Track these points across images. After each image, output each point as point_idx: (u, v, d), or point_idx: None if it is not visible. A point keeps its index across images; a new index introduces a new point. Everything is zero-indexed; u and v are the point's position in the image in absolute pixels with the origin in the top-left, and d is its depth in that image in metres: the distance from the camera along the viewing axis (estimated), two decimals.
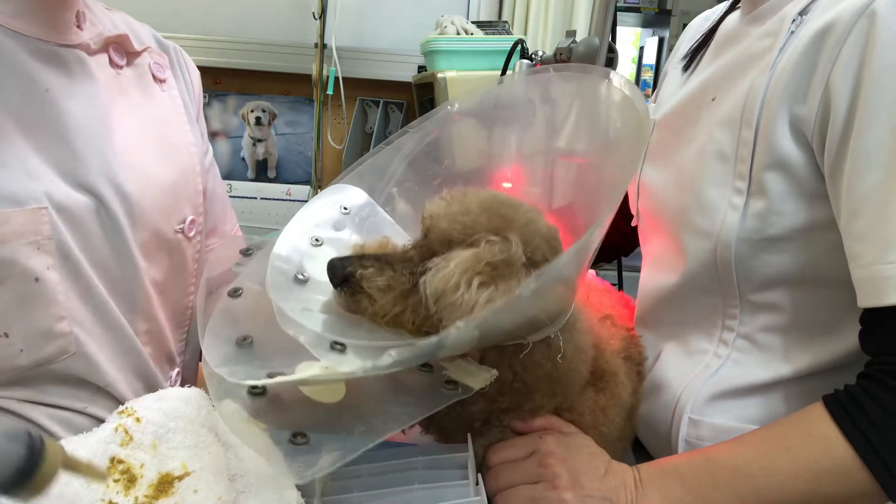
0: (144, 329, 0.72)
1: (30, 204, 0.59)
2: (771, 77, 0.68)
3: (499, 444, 0.65)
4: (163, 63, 0.82)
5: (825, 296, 0.69)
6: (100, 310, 0.66)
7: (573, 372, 0.64)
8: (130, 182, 0.69)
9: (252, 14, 2.25)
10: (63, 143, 0.64)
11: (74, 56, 0.67)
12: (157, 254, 0.73)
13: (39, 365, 0.61)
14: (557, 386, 0.64)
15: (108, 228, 0.66)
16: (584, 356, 0.65)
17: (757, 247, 0.69)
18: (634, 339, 0.83)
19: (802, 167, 0.66)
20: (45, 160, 0.62)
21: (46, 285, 0.60)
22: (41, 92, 0.63)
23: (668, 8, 2.64)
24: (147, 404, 0.60)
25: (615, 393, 0.70)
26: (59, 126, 0.64)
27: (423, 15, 2.23)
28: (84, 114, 0.66)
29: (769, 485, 0.60)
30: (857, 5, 0.61)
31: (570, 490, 0.60)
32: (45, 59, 0.64)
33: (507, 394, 0.63)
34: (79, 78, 0.67)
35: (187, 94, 0.86)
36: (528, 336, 0.59)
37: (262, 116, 2.28)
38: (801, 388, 0.70)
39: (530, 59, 1.20)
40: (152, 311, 0.73)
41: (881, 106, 0.59)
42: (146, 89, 0.78)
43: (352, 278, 0.57)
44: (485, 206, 0.58)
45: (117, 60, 0.74)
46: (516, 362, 0.60)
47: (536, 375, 0.62)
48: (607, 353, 0.71)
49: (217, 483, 0.53)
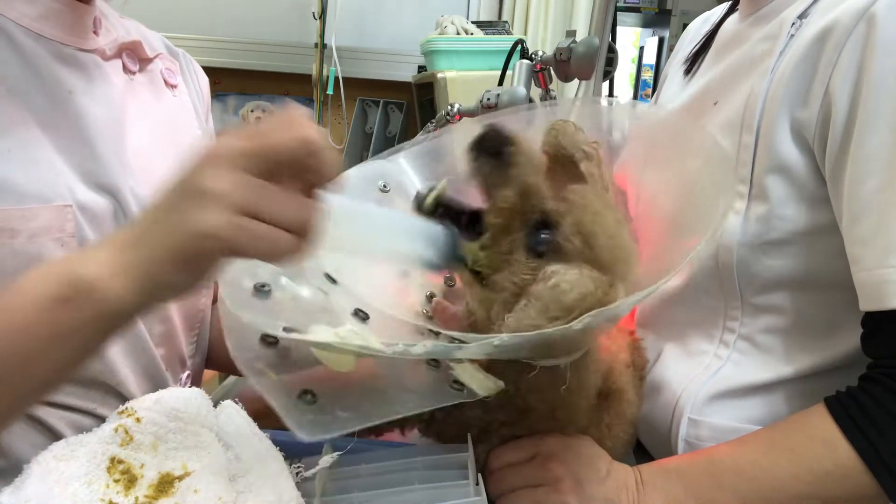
0: (160, 331, 0.73)
1: (56, 201, 0.60)
2: (771, 81, 0.68)
3: (500, 447, 0.64)
4: (174, 69, 0.83)
5: (826, 298, 0.69)
6: None
7: (572, 406, 0.63)
8: (145, 185, 0.69)
9: (252, 14, 2.25)
10: (84, 145, 0.65)
11: (92, 60, 0.68)
12: None
13: None
14: (557, 412, 0.63)
15: None
16: (586, 393, 0.64)
17: (758, 250, 0.69)
18: (637, 344, 0.83)
19: (804, 171, 0.66)
20: (67, 161, 0.63)
21: None
22: (64, 94, 0.64)
23: (668, 8, 2.65)
24: (147, 405, 0.59)
25: (620, 412, 0.70)
26: (81, 128, 0.65)
27: (423, 15, 2.23)
28: (103, 116, 0.67)
29: (771, 486, 0.60)
30: (857, 8, 0.61)
31: (572, 493, 0.60)
32: (66, 62, 0.65)
33: (506, 408, 0.62)
34: (97, 82, 0.68)
35: (197, 99, 0.87)
36: (539, 359, 0.58)
37: (262, 116, 2.28)
38: (802, 389, 0.70)
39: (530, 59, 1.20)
40: (167, 313, 0.73)
41: (881, 109, 0.59)
42: (158, 94, 0.79)
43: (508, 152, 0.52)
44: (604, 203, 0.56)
45: (130, 66, 0.75)
46: (521, 380, 0.60)
47: (536, 399, 0.61)
48: (616, 372, 0.70)
49: (217, 483, 0.53)
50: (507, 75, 1.21)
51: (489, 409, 0.62)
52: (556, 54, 0.95)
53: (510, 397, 0.61)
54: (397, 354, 0.50)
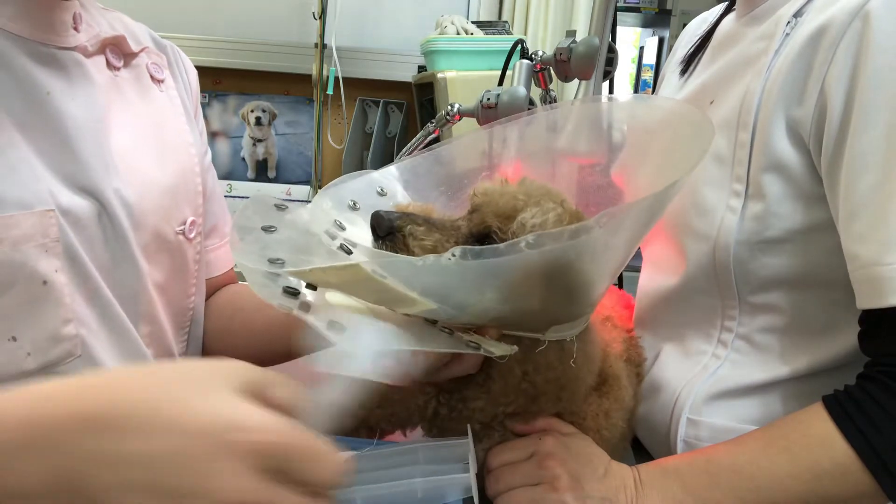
0: (147, 332, 0.72)
1: (37, 206, 0.59)
2: (766, 79, 0.68)
3: (498, 446, 0.65)
4: (160, 63, 0.81)
5: (824, 297, 0.69)
6: (106, 312, 0.65)
7: (580, 381, 0.64)
8: (131, 185, 0.68)
9: (252, 14, 2.25)
10: (64, 147, 0.63)
11: (72, 58, 0.67)
12: (159, 256, 0.73)
13: (46, 368, 0.60)
14: (563, 392, 0.64)
15: (110, 232, 0.66)
16: (592, 366, 0.65)
17: (755, 249, 0.69)
18: (634, 341, 0.83)
19: (800, 169, 0.66)
20: (47, 164, 0.62)
21: (54, 288, 0.60)
22: (42, 95, 0.63)
23: (668, 8, 2.65)
24: None
25: (618, 397, 0.70)
26: (61, 130, 0.63)
27: (423, 15, 2.23)
28: (84, 117, 0.66)
29: (769, 485, 0.60)
30: (851, 7, 0.61)
31: (570, 491, 0.60)
32: (44, 62, 0.64)
33: (512, 395, 0.62)
34: (77, 81, 0.67)
35: (185, 93, 0.85)
36: (546, 330, 0.59)
37: (262, 116, 2.28)
38: (800, 389, 0.71)
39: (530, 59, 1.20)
40: (155, 313, 0.73)
41: (876, 107, 0.59)
42: (144, 90, 0.77)
43: (398, 232, 0.57)
44: (541, 188, 0.61)
45: (114, 62, 0.73)
46: (528, 361, 0.60)
47: (546, 378, 0.61)
48: (611, 357, 0.71)
49: None
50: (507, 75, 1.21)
51: (495, 399, 0.62)
52: (556, 54, 0.94)
53: (517, 383, 0.61)
54: (383, 265, 0.50)
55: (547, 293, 0.56)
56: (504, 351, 0.56)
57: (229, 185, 2.22)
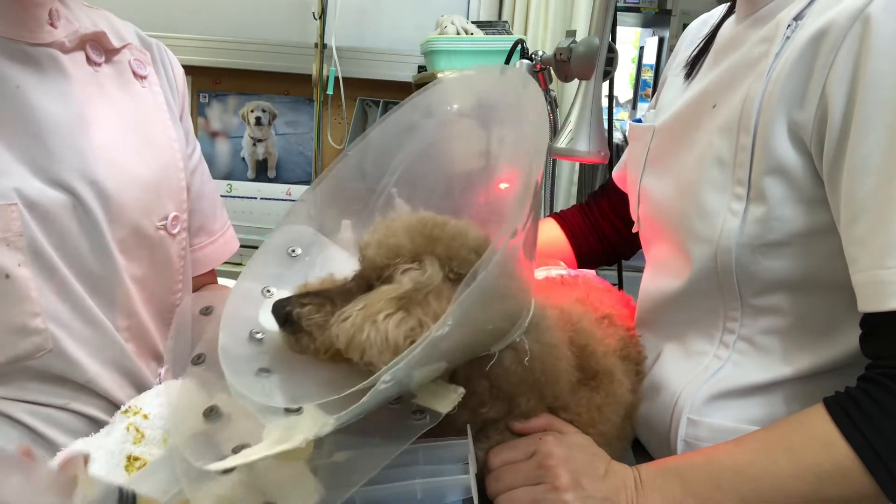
0: (125, 325, 0.72)
1: None
2: (767, 82, 0.68)
3: (499, 446, 0.65)
4: (144, 60, 0.81)
5: (825, 299, 0.69)
6: (78, 306, 0.66)
7: (552, 371, 0.64)
8: (108, 178, 0.68)
9: (252, 14, 2.25)
10: (35, 140, 0.64)
11: (46, 54, 0.67)
12: (138, 250, 0.73)
13: (15, 361, 0.61)
14: (543, 387, 0.64)
15: (84, 225, 0.66)
16: (557, 352, 0.64)
17: (757, 252, 0.69)
18: (633, 339, 0.83)
19: (801, 172, 0.66)
20: (16, 157, 0.62)
21: (18, 281, 0.60)
22: (11, 88, 0.63)
23: (668, 8, 2.65)
24: (148, 400, 0.60)
25: (610, 391, 0.70)
26: (31, 123, 0.64)
27: (423, 15, 2.23)
28: (57, 111, 0.66)
29: (770, 486, 0.60)
30: (852, 10, 0.61)
31: (570, 491, 0.60)
32: (13, 58, 0.64)
33: (489, 403, 0.63)
34: (51, 75, 0.67)
35: (170, 91, 0.85)
36: (492, 346, 0.59)
37: (262, 116, 2.28)
38: (800, 390, 0.71)
39: (530, 59, 1.20)
40: (133, 307, 0.73)
41: (877, 110, 0.59)
42: (126, 86, 0.78)
43: (292, 317, 0.57)
44: (409, 229, 0.59)
45: (95, 58, 0.74)
46: (488, 374, 0.60)
47: (511, 381, 0.62)
48: (599, 352, 0.70)
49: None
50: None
51: (472, 409, 0.62)
52: (556, 54, 0.94)
53: (487, 392, 0.62)
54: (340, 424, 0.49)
55: (471, 348, 0.57)
56: (451, 403, 0.56)
57: (229, 185, 2.22)
